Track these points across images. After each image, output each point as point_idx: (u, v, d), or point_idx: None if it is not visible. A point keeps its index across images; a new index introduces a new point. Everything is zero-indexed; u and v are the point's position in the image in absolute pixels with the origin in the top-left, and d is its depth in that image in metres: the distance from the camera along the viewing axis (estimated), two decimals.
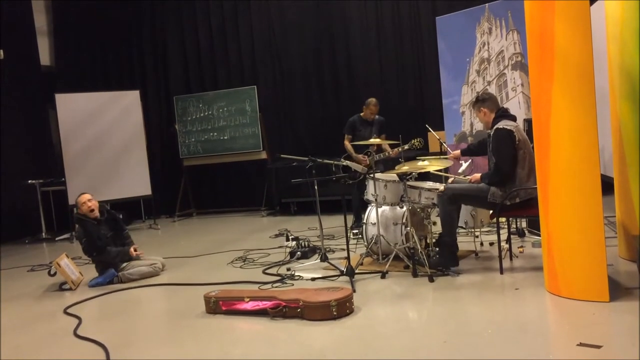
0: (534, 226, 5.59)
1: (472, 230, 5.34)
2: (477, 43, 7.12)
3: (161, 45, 10.42)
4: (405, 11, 8.95)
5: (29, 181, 9.03)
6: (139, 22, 10.42)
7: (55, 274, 5.61)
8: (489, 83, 7.02)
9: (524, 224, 5.89)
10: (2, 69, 9.22)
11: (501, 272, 4.55)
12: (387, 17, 9.06)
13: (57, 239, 8.82)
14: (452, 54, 7.40)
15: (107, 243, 5.60)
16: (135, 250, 5.67)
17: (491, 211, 4.68)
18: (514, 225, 5.78)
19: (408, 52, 8.98)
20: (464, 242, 5.39)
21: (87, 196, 5.70)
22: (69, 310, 4.67)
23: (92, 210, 5.61)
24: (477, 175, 4.68)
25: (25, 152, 9.37)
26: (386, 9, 9.05)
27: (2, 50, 9.24)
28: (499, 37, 6.86)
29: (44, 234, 9.05)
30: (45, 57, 10.26)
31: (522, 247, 5.25)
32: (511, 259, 4.95)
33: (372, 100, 6.82)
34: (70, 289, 5.41)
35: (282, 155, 5.67)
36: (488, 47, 7.00)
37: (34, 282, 5.90)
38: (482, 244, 5.54)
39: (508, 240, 5.07)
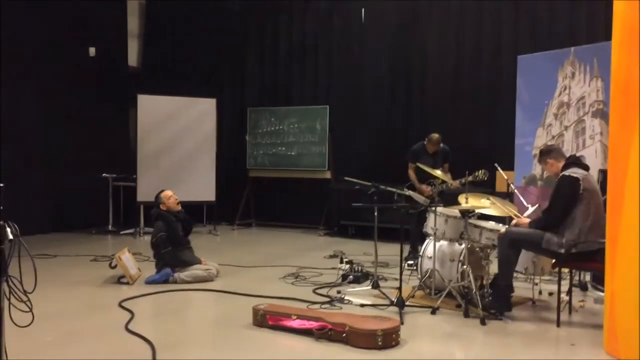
0: (599, 281, 5.34)
1: (532, 277, 5.17)
2: (558, 86, 6.94)
3: (242, 57, 10.70)
4: (487, 46, 8.84)
5: (103, 174, 9.43)
6: (223, 32, 10.76)
7: (115, 266, 5.81)
8: (566, 128, 6.82)
9: (587, 277, 5.65)
10: (94, 66, 9.72)
11: (557, 325, 4.37)
12: (468, 49, 8.97)
13: (121, 232, 9.15)
14: (531, 94, 7.24)
15: (182, 242, 5.87)
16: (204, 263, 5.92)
17: (554, 260, 4.52)
18: (577, 278, 5.55)
19: (485, 87, 8.85)
20: (522, 289, 5.23)
21: (170, 192, 6.05)
22: (123, 304, 4.83)
23: (178, 203, 5.97)
24: (527, 220, 4.57)
25: (105, 146, 9.80)
26: (468, 41, 8.97)
27: (94, 49, 9.76)
28: (581, 82, 6.66)
29: (110, 226, 9.40)
30: (133, 58, 10.76)
31: (583, 301, 5.03)
32: (570, 313, 4.75)
33: (435, 136, 6.75)
34: (128, 283, 5.60)
35: (346, 178, 5.69)
36: (569, 92, 6.81)
37: (95, 272, 6.13)
38: (540, 292, 5.34)
39: (569, 293, 4.87)
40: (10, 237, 2.17)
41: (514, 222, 4.72)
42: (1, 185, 2.17)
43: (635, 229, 3.58)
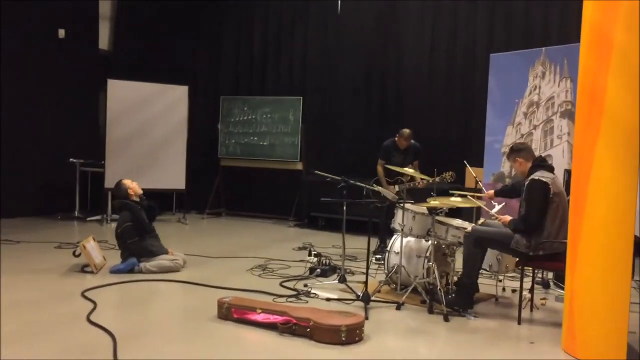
0: (561, 280, 5.44)
1: (496, 274, 5.24)
2: (528, 85, 7.02)
3: (216, 44, 10.59)
4: (462, 43, 8.90)
5: (70, 159, 9.25)
6: (197, 19, 10.63)
7: (79, 255, 5.72)
8: (535, 127, 6.91)
9: (550, 275, 5.75)
10: (62, 48, 9.50)
11: (519, 322, 4.45)
12: (442, 46, 9.02)
13: (88, 219, 9.00)
14: (502, 92, 7.31)
15: (148, 230, 5.79)
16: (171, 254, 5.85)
17: (517, 259, 4.59)
18: (540, 275, 5.65)
19: (458, 84, 8.91)
20: (486, 285, 5.30)
21: (129, 180, 5.95)
22: (86, 294, 4.76)
23: (138, 192, 5.89)
24: (508, 218, 4.60)
25: (72, 131, 9.58)
26: (442, 38, 9.01)
27: (63, 30, 9.53)
28: (551, 82, 6.75)
29: (76, 212, 9.24)
30: (104, 41, 10.54)
31: (544, 299, 5.12)
32: (531, 310, 4.84)
33: (406, 131, 6.80)
34: (92, 272, 5.52)
35: (316, 172, 5.68)
36: (539, 91, 6.89)
37: (59, 260, 6.03)
38: (504, 289, 5.43)
39: (531, 290, 4.95)
40: None
41: (498, 218, 4.72)
42: None
43: (597, 230, 3.64)
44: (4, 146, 8.63)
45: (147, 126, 9.22)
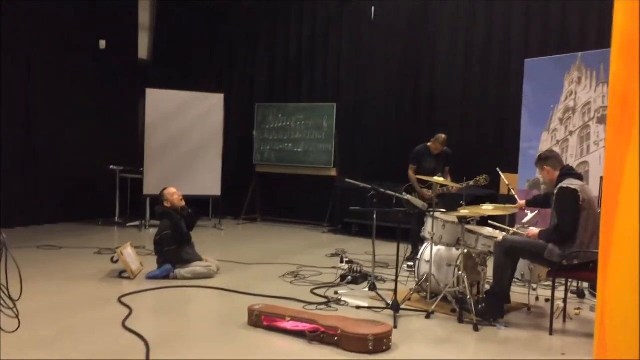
0: (596, 289, 5.34)
1: (529, 283, 5.18)
2: (564, 91, 6.91)
3: (251, 52, 10.74)
4: (496, 48, 8.80)
5: (111, 166, 9.53)
6: (233, 28, 10.80)
7: (117, 261, 5.89)
8: (571, 133, 6.79)
9: (585, 285, 5.65)
10: (103, 59, 9.79)
11: (550, 333, 4.39)
12: (477, 51, 8.94)
13: (127, 224, 9.25)
14: (537, 98, 7.22)
15: (186, 239, 5.93)
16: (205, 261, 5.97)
17: (549, 268, 4.53)
18: (575, 284, 5.55)
19: (492, 89, 8.82)
20: (519, 294, 5.24)
21: (173, 189, 6.07)
22: (123, 299, 4.90)
23: (182, 199, 6.00)
24: (535, 231, 4.55)
25: (113, 138, 9.89)
26: (477, 43, 8.93)
27: (104, 41, 9.83)
28: (587, 87, 6.63)
29: (116, 218, 9.51)
30: (143, 51, 10.82)
31: (579, 309, 5.03)
32: (564, 321, 4.76)
33: (442, 136, 6.78)
34: (129, 277, 5.68)
35: (347, 180, 5.72)
36: (575, 97, 6.77)
37: (98, 265, 6.22)
38: (537, 298, 5.35)
39: (564, 300, 4.88)
40: None
41: (526, 234, 4.69)
42: None
43: (629, 240, 3.56)
44: (48, 153, 8.94)
45: (184, 133, 9.41)
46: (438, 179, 5.64)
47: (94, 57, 9.68)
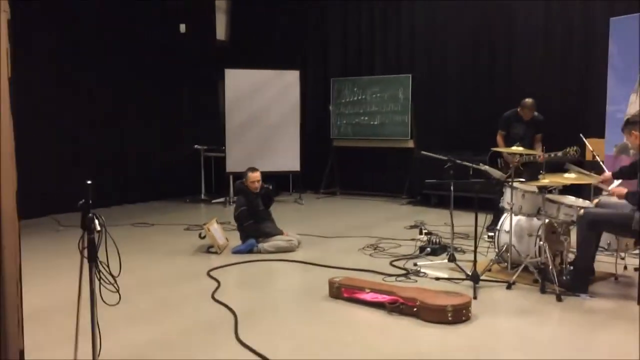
0: None
1: (616, 252, 5.02)
2: None
3: (324, 29, 10.78)
4: (579, 7, 8.39)
5: (195, 146, 9.94)
6: (305, 6, 10.87)
7: (205, 237, 6.21)
8: None
9: None
10: (184, 42, 10.16)
11: (639, 303, 4.26)
12: (557, 11, 8.55)
13: (213, 201, 9.65)
14: (624, 58, 6.86)
15: (262, 215, 6.13)
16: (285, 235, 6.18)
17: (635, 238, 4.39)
18: None
19: (575, 51, 8.42)
20: (605, 263, 5.10)
21: (257, 175, 6.18)
22: (211, 273, 5.19)
23: (259, 185, 6.17)
24: (623, 190, 4.37)
25: (196, 119, 10.32)
26: (557, 2, 8.53)
27: (184, 25, 10.17)
28: None
29: (202, 195, 9.94)
30: (221, 32, 11.12)
31: None
32: None
33: (528, 101, 6.54)
34: (216, 252, 5.98)
35: (422, 152, 5.71)
36: None
37: (188, 241, 6.58)
38: (625, 267, 5.19)
39: None
40: (98, 228, 2.46)
41: (611, 188, 4.53)
42: (89, 182, 2.43)
43: None
44: (137, 136, 9.45)
45: (262, 111, 9.65)
46: (517, 148, 5.51)
47: (176, 41, 10.04)
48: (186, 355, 3.46)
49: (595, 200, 4.89)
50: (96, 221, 2.43)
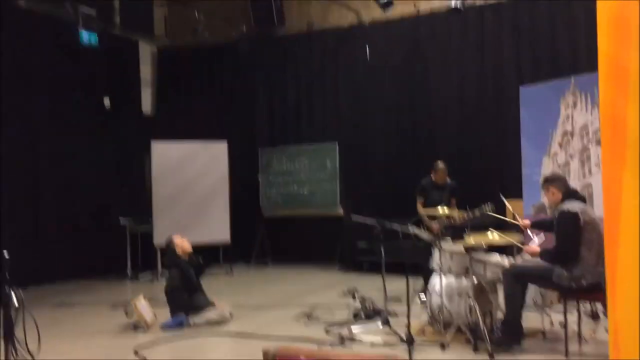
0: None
1: (542, 308, 5.17)
2: (560, 115, 7.01)
3: (251, 98, 10.96)
4: (490, 76, 8.99)
5: (121, 219, 9.63)
6: (232, 75, 11.05)
7: (131, 314, 5.93)
8: (572, 157, 6.87)
9: (599, 306, 5.63)
10: (109, 115, 10.01)
11: (566, 356, 4.38)
12: (472, 80, 9.12)
13: (140, 276, 9.29)
14: (535, 123, 7.31)
15: (194, 286, 5.97)
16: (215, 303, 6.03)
17: (559, 292, 4.55)
18: (589, 307, 5.53)
19: (490, 117, 8.96)
20: (533, 320, 5.24)
21: (179, 236, 6.17)
22: (140, 352, 4.92)
23: (190, 250, 6.08)
24: (537, 248, 4.59)
25: (121, 191, 10.06)
26: (470, 73, 9.12)
27: (108, 98, 10.06)
28: (583, 110, 6.73)
29: (129, 270, 9.56)
30: (147, 105, 11.08)
31: (593, 330, 5.01)
32: (580, 344, 4.75)
33: (439, 164, 6.87)
34: (144, 329, 5.71)
35: (352, 216, 5.79)
36: (572, 120, 6.87)
37: (113, 319, 6.25)
38: (552, 323, 5.34)
39: (578, 323, 4.87)
40: (17, 304, 2.32)
41: (525, 248, 4.73)
42: (6, 256, 2.31)
43: (633, 260, 3.60)
44: (59, 212, 9.08)
45: (190, 182, 9.55)
46: (444, 210, 5.69)
47: (101, 113, 9.90)
48: None
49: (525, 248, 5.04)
50: (13, 296, 2.29)
